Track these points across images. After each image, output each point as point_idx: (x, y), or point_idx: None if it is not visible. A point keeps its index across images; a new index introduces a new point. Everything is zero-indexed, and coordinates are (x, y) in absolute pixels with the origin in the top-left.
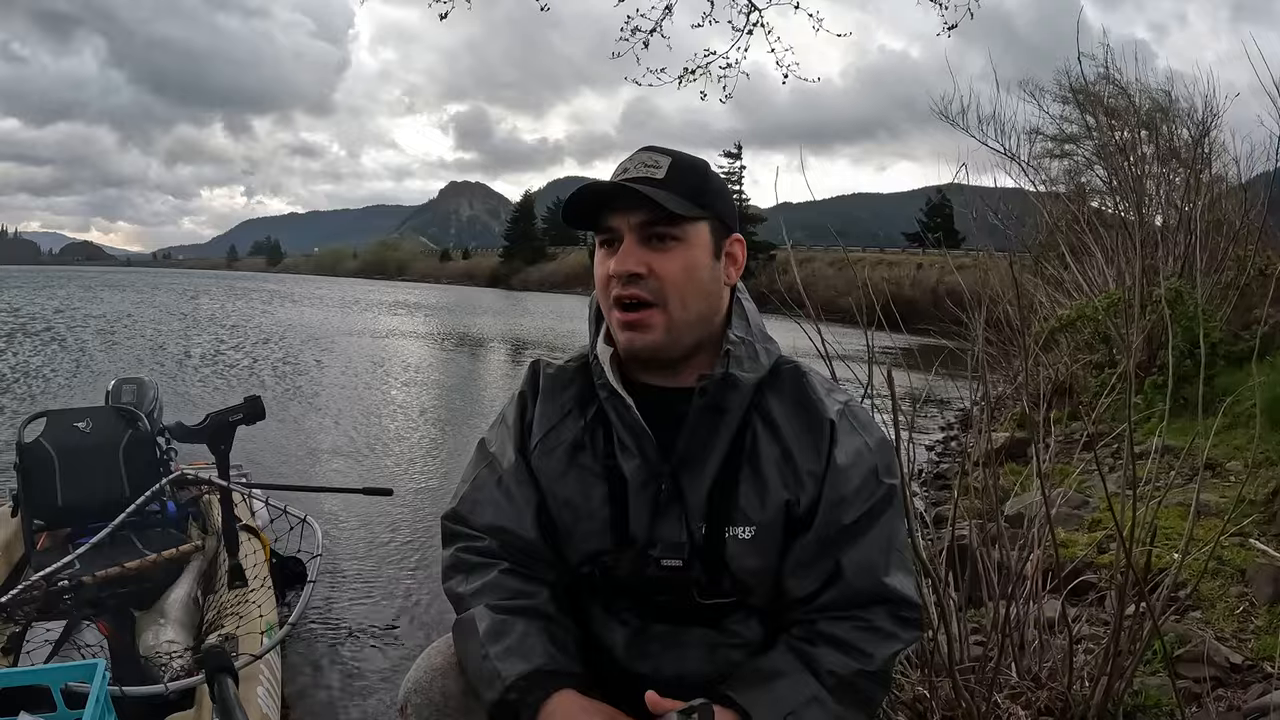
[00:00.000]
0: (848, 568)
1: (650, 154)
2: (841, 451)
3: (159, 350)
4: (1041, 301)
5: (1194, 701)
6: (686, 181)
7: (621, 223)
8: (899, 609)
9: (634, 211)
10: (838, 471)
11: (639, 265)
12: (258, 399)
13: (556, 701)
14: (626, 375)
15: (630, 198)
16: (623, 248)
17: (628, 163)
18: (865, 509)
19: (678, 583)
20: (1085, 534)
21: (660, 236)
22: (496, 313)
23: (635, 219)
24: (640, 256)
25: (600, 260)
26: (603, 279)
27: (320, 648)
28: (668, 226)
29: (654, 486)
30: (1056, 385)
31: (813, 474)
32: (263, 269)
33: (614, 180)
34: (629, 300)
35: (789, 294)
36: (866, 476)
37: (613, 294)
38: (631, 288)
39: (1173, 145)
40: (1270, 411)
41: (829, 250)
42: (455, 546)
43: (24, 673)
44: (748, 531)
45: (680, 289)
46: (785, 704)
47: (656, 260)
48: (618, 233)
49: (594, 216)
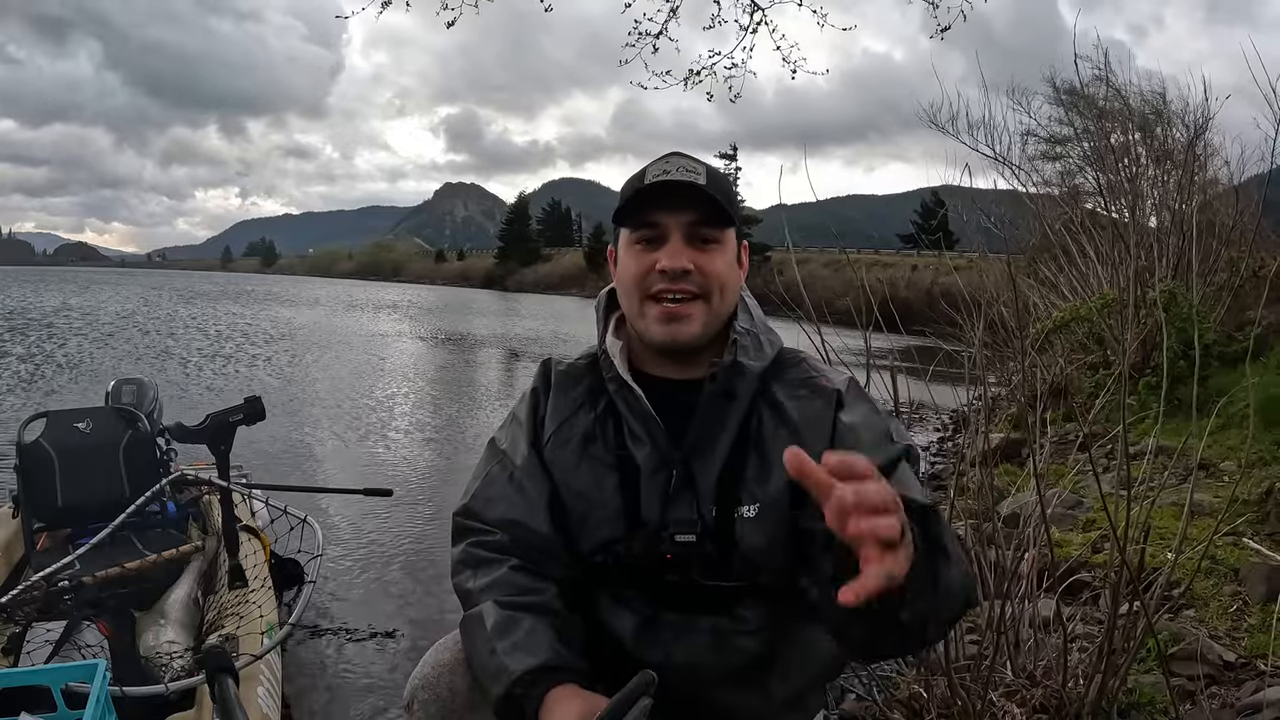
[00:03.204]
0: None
1: (686, 160)
2: (850, 414)
3: (159, 350)
4: (1036, 303)
5: (1188, 699)
6: (721, 188)
7: (670, 221)
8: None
9: (684, 212)
10: (848, 429)
11: (689, 262)
12: (258, 399)
13: (559, 695)
14: (635, 368)
15: (682, 198)
16: (670, 246)
17: (667, 165)
18: (883, 459)
19: (690, 560)
20: (1080, 534)
21: (704, 238)
22: (492, 314)
23: (684, 219)
24: (689, 255)
25: (637, 255)
26: (640, 273)
27: (320, 648)
28: (712, 228)
29: (665, 473)
30: (1051, 386)
31: (823, 443)
32: (257, 270)
33: (657, 180)
34: (678, 294)
35: (787, 294)
36: (879, 434)
37: (654, 288)
38: (681, 283)
39: (1166, 147)
40: (1264, 412)
41: (824, 251)
42: (466, 542)
43: (24, 673)
44: (753, 509)
45: (721, 284)
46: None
47: (701, 259)
48: (664, 230)
49: (636, 213)
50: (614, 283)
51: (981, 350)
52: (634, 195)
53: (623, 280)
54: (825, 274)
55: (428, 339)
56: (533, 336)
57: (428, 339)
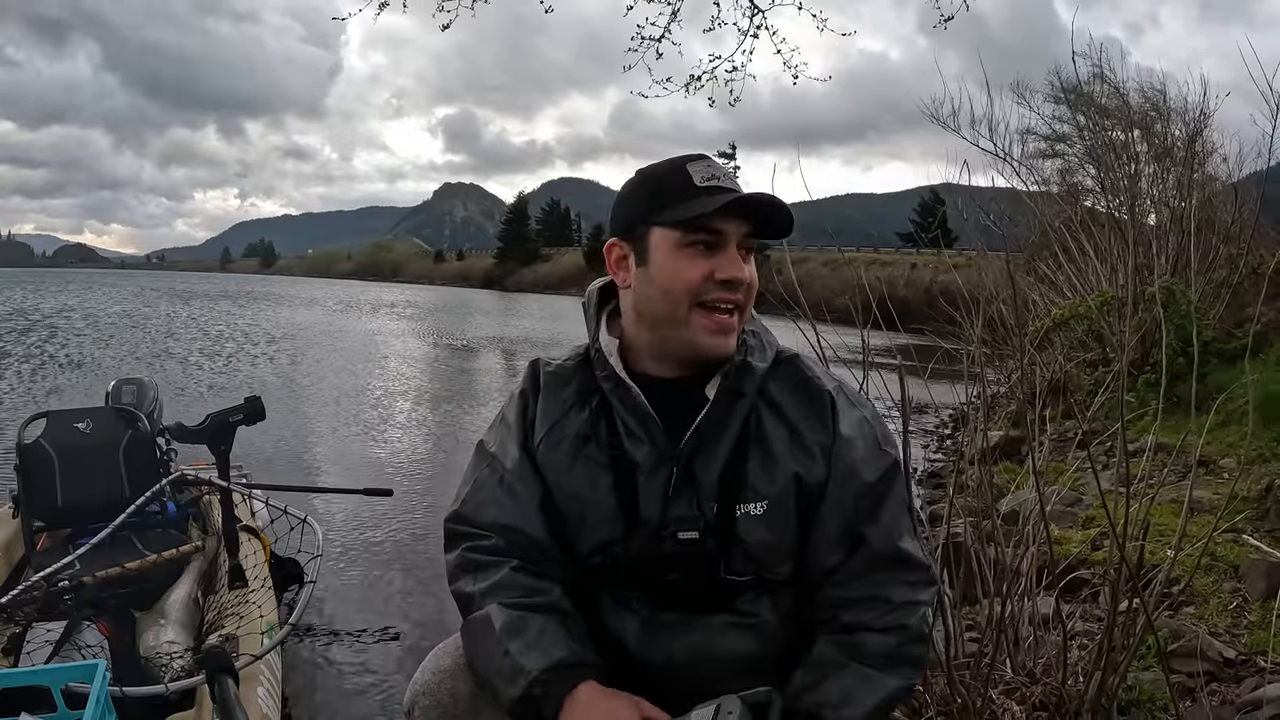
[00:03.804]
0: (871, 537)
1: (719, 165)
2: (844, 423)
3: (159, 351)
4: (1035, 301)
5: (1188, 696)
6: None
7: (731, 229)
8: (911, 574)
9: (742, 221)
10: (844, 442)
11: (746, 274)
12: (258, 399)
13: (580, 692)
14: (628, 366)
15: (743, 206)
16: (729, 254)
17: (714, 169)
18: (877, 477)
19: (692, 558)
20: (1079, 531)
21: (749, 249)
22: (491, 314)
23: (743, 228)
24: (744, 265)
25: (691, 259)
26: (697, 280)
27: (320, 648)
28: (753, 239)
29: (665, 471)
30: (1051, 384)
31: (821, 445)
32: (256, 271)
33: (710, 186)
34: (728, 305)
35: (785, 294)
36: (871, 446)
37: (709, 296)
38: (737, 293)
39: (1165, 144)
40: (1263, 408)
41: (823, 250)
42: (461, 547)
43: (24, 673)
44: (759, 507)
45: (752, 296)
46: (840, 693)
47: (748, 270)
48: (724, 237)
49: (694, 215)
50: (624, 282)
51: (980, 348)
52: (696, 197)
53: (671, 285)
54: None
55: (427, 339)
56: (532, 336)
57: (427, 339)
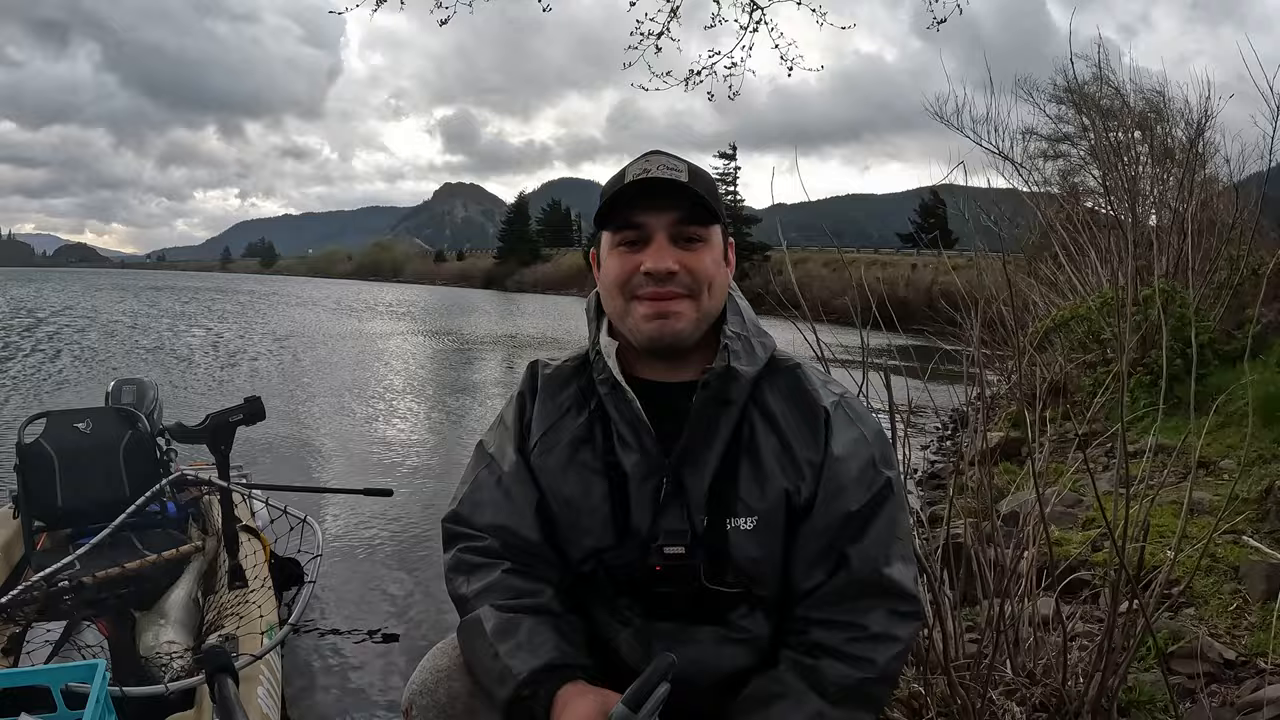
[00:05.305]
0: (853, 558)
1: (666, 158)
2: (838, 442)
3: (159, 350)
4: (1035, 302)
5: (1188, 697)
6: (704, 185)
7: (654, 221)
8: (896, 603)
9: (667, 211)
10: (835, 461)
11: (675, 263)
12: (258, 399)
13: (568, 693)
14: (626, 370)
15: (665, 197)
16: (655, 246)
17: (647, 164)
18: (866, 499)
19: (680, 572)
20: (1079, 532)
21: (689, 237)
22: (492, 314)
23: (668, 218)
24: (673, 255)
25: (619, 256)
26: (623, 275)
27: (320, 648)
28: (697, 227)
29: (655, 480)
30: (1051, 385)
31: (811, 463)
32: (257, 271)
33: (637, 179)
34: (663, 295)
35: (784, 294)
36: (864, 466)
37: (639, 290)
38: (667, 284)
39: (1167, 145)
40: (1263, 409)
41: (823, 250)
42: (457, 548)
43: (24, 673)
44: (749, 522)
45: (710, 280)
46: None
47: (687, 258)
48: (647, 231)
49: (617, 214)
50: (597, 287)
51: (980, 349)
52: (614, 196)
53: (605, 284)
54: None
55: (428, 339)
56: (533, 336)
57: (428, 339)
